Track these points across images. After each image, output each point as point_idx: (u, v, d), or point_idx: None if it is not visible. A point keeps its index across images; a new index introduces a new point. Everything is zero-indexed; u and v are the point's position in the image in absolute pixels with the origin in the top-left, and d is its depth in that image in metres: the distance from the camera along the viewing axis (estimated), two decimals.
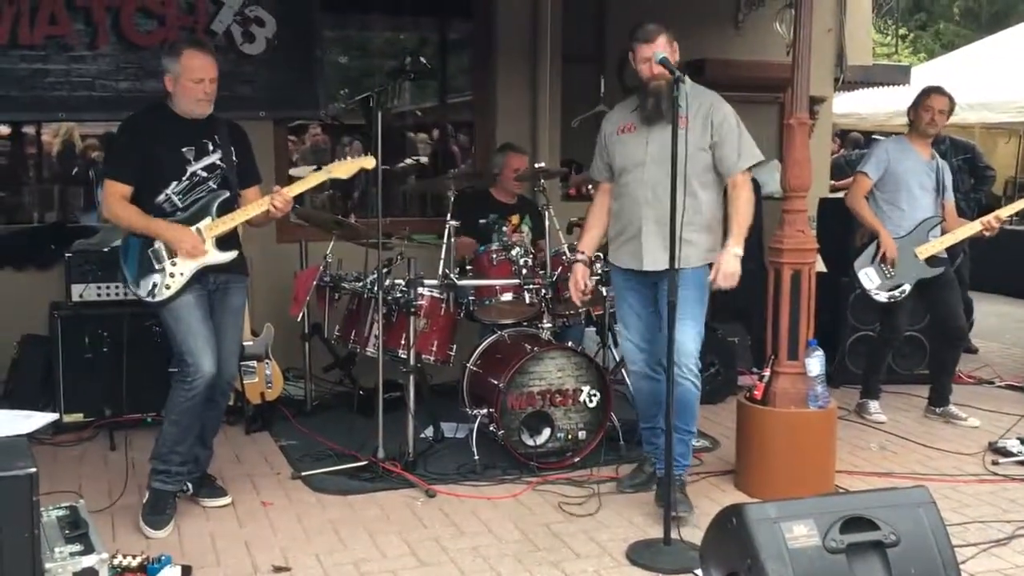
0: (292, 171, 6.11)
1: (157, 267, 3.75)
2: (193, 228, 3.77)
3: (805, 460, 4.06)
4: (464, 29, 6.73)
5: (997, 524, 3.88)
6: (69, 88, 5.34)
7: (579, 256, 4.15)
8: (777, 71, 5.76)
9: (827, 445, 4.16)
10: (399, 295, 4.51)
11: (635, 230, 3.94)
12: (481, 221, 5.24)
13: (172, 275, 3.74)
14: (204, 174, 3.83)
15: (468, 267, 4.83)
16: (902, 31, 19.48)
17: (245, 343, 5.04)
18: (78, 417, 4.87)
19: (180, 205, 3.79)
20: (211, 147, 3.85)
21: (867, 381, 5.50)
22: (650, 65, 3.85)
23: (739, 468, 4.28)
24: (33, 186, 6.00)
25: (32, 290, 5.24)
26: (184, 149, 3.79)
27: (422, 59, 4.75)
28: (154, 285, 3.75)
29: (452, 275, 4.61)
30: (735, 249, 3.79)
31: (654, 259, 3.88)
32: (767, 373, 4.16)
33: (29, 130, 5.92)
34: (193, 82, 3.73)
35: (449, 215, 4.70)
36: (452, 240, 4.67)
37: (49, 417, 3.22)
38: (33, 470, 2.55)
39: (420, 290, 4.52)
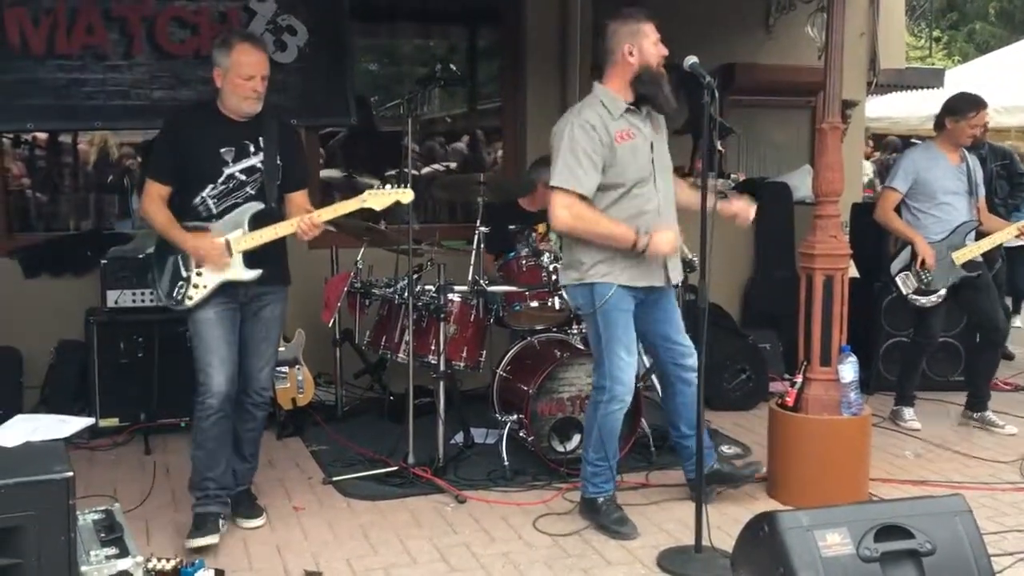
0: (323, 173, 6.17)
1: (184, 274, 3.67)
2: (222, 239, 3.65)
3: (838, 468, 4.02)
4: (493, 36, 6.75)
5: None
6: (105, 97, 5.40)
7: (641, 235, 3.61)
8: (809, 75, 5.72)
9: (861, 452, 4.12)
10: (429, 301, 4.52)
11: None
12: (510, 227, 5.23)
13: (196, 285, 3.65)
14: (242, 177, 3.67)
15: (499, 273, 4.83)
16: (936, 34, 19.28)
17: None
18: (113, 422, 4.93)
19: (215, 210, 3.66)
20: (253, 149, 3.69)
21: (901, 387, 5.43)
22: (660, 48, 3.61)
23: (771, 475, 4.24)
24: (69, 194, 6.07)
25: (68, 296, 5.31)
26: (223, 150, 3.64)
27: (452, 66, 4.77)
28: (180, 291, 3.67)
29: (482, 281, 4.62)
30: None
31: (678, 271, 3.88)
32: (799, 379, 4.12)
33: (66, 139, 6.01)
34: (243, 78, 3.57)
35: (478, 221, 4.70)
36: (482, 246, 4.68)
37: (85, 422, 3.26)
38: (70, 474, 2.58)
39: (450, 296, 4.53)
